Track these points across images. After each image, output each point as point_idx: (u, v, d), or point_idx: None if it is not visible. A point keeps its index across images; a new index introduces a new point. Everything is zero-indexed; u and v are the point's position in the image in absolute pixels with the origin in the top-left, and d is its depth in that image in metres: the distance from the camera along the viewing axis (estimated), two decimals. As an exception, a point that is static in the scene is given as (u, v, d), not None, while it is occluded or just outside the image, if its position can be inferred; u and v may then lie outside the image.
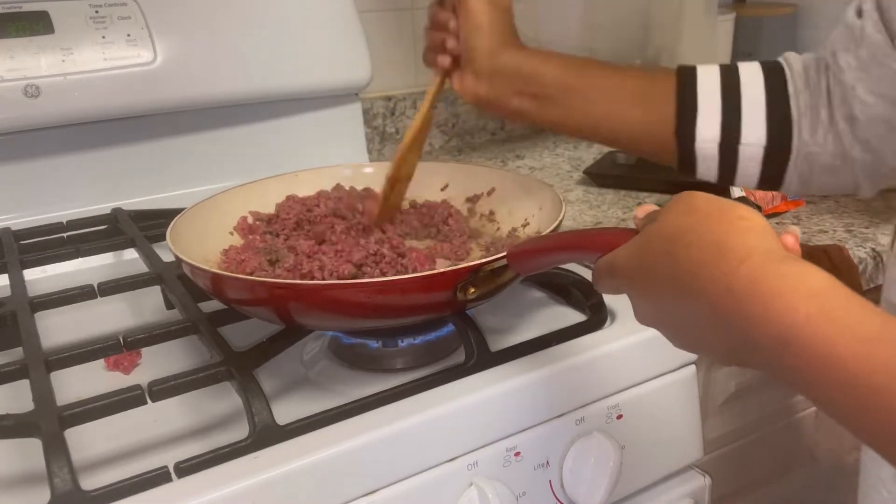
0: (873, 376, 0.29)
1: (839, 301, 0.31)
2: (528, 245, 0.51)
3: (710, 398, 0.74)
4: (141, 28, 0.83)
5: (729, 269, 0.34)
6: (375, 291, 0.51)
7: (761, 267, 0.33)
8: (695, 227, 0.36)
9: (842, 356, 0.30)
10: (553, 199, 0.64)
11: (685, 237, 0.36)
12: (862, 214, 0.88)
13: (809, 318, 0.31)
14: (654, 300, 0.39)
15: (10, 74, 0.77)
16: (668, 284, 0.37)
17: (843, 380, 0.30)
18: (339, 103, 0.98)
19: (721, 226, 0.36)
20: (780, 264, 0.33)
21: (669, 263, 0.37)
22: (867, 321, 0.31)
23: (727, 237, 0.35)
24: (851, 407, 0.30)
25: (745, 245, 0.34)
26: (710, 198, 0.38)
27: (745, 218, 0.36)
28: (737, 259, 0.34)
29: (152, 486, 0.44)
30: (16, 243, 0.75)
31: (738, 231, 0.35)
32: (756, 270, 0.33)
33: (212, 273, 0.54)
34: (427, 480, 0.51)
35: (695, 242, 0.36)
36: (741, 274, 0.33)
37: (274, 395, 0.55)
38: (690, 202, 0.38)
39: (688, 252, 0.36)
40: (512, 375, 0.54)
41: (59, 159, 0.83)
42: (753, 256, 0.34)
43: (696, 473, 0.67)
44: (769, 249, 0.34)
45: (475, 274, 0.52)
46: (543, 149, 1.21)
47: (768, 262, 0.33)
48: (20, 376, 0.52)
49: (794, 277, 0.32)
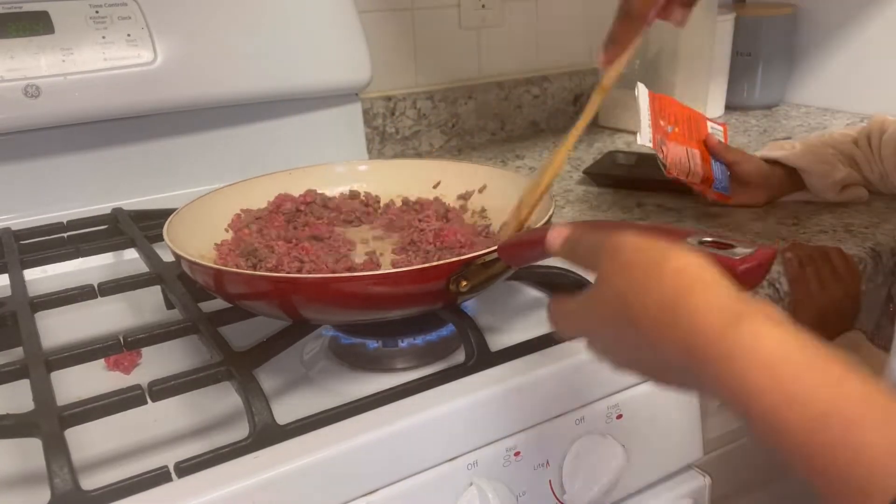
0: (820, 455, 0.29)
1: (790, 370, 0.31)
2: (517, 238, 0.53)
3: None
4: (141, 28, 0.83)
5: (685, 335, 0.34)
6: (371, 283, 0.52)
7: (715, 336, 0.33)
8: (640, 289, 0.36)
9: (792, 431, 0.30)
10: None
11: (637, 299, 0.36)
12: (862, 214, 0.88)
13: (762, 391, 0.31)
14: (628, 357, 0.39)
15: (10, 74, 0.77)
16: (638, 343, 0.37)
17: (795, 452, 0.30)
18: (339, 103, 0.98)
19: (662, 284, 0.35)
20: (734, 329, 0.32)
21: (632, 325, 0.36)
22: (817, 396, 0.30)
23: (676, 301, 0.34)
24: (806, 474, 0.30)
25: (695, 308, 0.34)
26: (638, 249, 0.37)
27: (681, 271, 0.35)
28: (689, 325, 0.33)
29: (152, 486, 0.44)
30: (16, 243, 0.76)
31: (682, 289, 0.34)
32: (709, 340, 0.33)
33: (213, 269, 0.54)
34: (427, 480, 0.51)
35: (648, 304, 0.35)
36: (697, 342, 0.33)
37: (274, 395, 0.55)
38: (623, 258, 0.37)
39: (645, 314, 0.35)
40: (512, 375, 0.54)
41: (59, 159, 0.83)
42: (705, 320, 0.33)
43: (696, 473, 0.67)
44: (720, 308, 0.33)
45: (467, 267, 0.53)
46: (543, 149, 1.21)
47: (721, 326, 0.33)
48: (20, 376, 0.52)
49: (748, 346, 0.32)
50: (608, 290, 0.38)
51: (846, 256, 0.76)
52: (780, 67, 1.42)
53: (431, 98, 1.20)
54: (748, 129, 1.30)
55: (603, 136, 1.28)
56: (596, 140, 1.26)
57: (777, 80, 1.43)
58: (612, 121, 1.32)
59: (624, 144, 1.22)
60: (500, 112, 1.28)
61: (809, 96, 1.44)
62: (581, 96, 1.37)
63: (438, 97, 1.20)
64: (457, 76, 1.23)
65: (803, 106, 1.44)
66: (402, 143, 1.19)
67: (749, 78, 1.41)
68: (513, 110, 1.30)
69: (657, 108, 0.90)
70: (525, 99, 1.30)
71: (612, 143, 1.23)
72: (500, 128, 1.29)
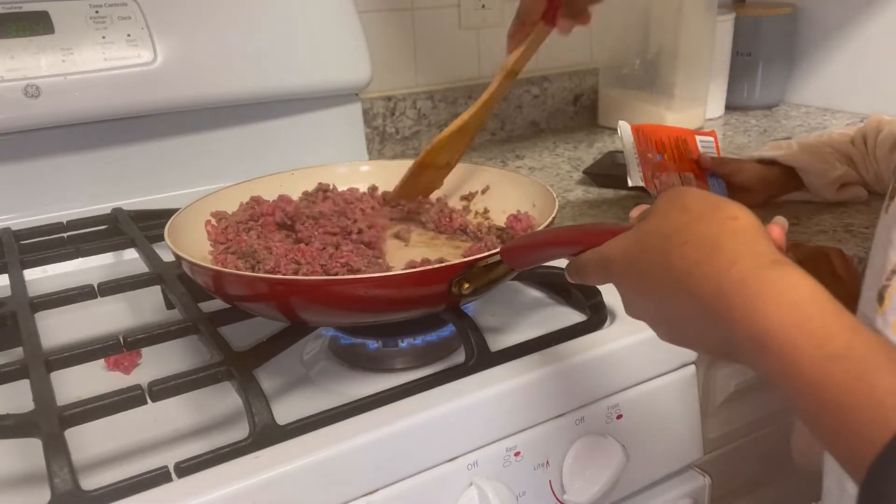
0: (832, 390, 0.30)
1: (815, 312, 0.32)
2: (521, 241, 0.53)
3: (710, 398, 0.74)
4: (141, 28, 0.83)
5: (720, 268, 0.35)
6: (373, 286, 0.52)
7: (750, 271, 0.34)
8: (688, 226, 0.37)
9: (805, 367, 0.31)
10: (546, 195, 0.66)
11: (680, 235, 0.37)
12: (862, 214, 0.88)
13: (784, 327, 0.32)
14: (647, 294, 0.40)
15: (10, 74, 0.77)
16: (661, 280, 0.38)
17: (806, 389, 0.31)
18: (339, 103, 0.98)
19: (713, 226, 0.37)
20: (769, 270, 0.34)
21: (664, 260, 0.38)
22: (836, 335, 0.31)
23: (720, 237, 0.36)
24: (812, 415, 0.32)
25: (736, 247, 0.35)
26: (701, 195, 0.39)
27: (735, 217, 0.37)
28: (728, 260, 0.35)
29: (152, 486, 0.44)
30: (16, 243, 0.76)
31: (729, 231, 0.36)
32: (744, 273, 0.34)
33: (213, 270, 0.54)
34: (427, 480, 0.51)
35: (689, 241, 0.37)
36: (731, 275, 0.34)
37: (274, 395, 0.55)
38: (683, 200, 0.39)
39: (682, 250, 0.37)
40: (512, 375, 0.54)
41: (59, 159, 0.83)
42: (745, 259, 0.35)
43: (696, 473, 0.67)
44: (760, 252, 0.35)
45: (469, 269, 0.53)
46: (543, 149, 1.21)
47: (757, 266, 0.34)
48: (20, 376, 0.52)
49: (779, 284, 0.33)
50: (657, 225, 0.39)
51: (846, 257, 0.76)
52: (780, 67, 1.42)
53: (431, 98, 1.20)
54: (748, 129, 1.30)
55: (603, 136, 1.28)
56: (596, 140, 1.26)
57: (777, 80, 1.42)
58: (612, 121, 1.32)
59: (624, 144, 1.22)
60: (500, 112, 1.28)
61: (809, 96, 1.44)
62: (581, 96, 1.37)
63: (438, 97, 1.20)
64: (457, 76, 1.23)
65: (803, 106, 1.44)
66: (402, 143, 1.19)
67: (749, 78, 1.41)
68: (513, 110, 1.30)
69: (643, 141, 0.91)
70: (525, 99, 1.30)
71: (612, 143, 1.23)
72: (500, 128, 1.29)
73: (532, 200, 0.68)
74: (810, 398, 0.31)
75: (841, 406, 0.30)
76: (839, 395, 0.30)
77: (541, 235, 0.54)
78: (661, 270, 0.38)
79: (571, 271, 0.46)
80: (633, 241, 0.41)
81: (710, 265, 0.35)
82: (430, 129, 1.21)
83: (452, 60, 1.22)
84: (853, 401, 0.30)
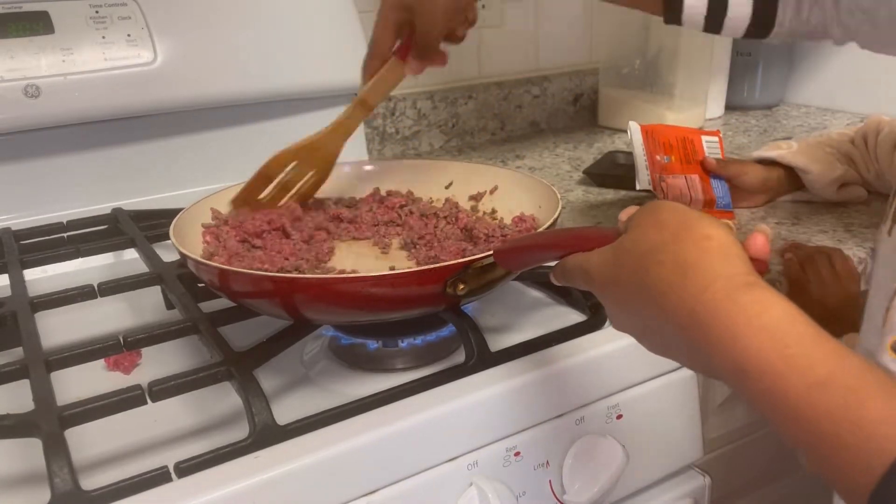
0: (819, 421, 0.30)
1: (794, 338, 0.32)
2: (513, 243, 0.53)
3: (710, 398, 0.74)
4: (141, 28, 0.83)
5: (693, 293, 0.35)
6: (370, 284, 0.52)
7: (722, 295, 0.34)
8: (663, 246, 0.37)
9: (790, 396, 0.31)
10: (550, 197, 0.66)
11: (654, 255, 0.37)
12: (862, 214, 0.88)
13: (762, 353, 0.32)
14: (627, 310, 0.40)
15: (10, 74, 0.77)
16: (638, 298, 0.38)
17: (791, 417, 0.31)
18: (339, 103, 0.98)
19: (686, 245, 0.36)
20: (742, 293, 0.34)
21: (640, 279, 0.38)
22: (818, 362, 0.31)
23: (692, 259, 0.36)
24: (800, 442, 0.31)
25: (709, 269, 0.35)
26: (676, 211, 0.39)
27: (709, 237, 0.37)
28: (701, 285, 0.35)
29: (152, 486, 0.44)
30: (16, 243, 0.76)
31: (703, 252, 0.36)
32: (716, 299, 0.34)
33: (219, 269, 0.54)
34: (427, 480, 0.51)
35: (663, 261, 0.37)
36: (704, 300, 0.34)
37: (274, 395, 0.55)
38: (659, 216, 0.39)
39: (658, 270, 0.37)
40: (512, 375, 0.54)
41: (59, 159, 0.83)
42: (716, 283, 0.34)
43: (696, 473, 0.67)
44: (732, 275, 0.35)
45: (465, 270, 0.53)
46: (543, 149, 1.21)
47: (728, 290, 0.34)
48: (20, 376, 0.52)
49: (750, 310, 0.33)
50: (634, 243, 0.39)
51: (846, 257, 0.76)
52: (780, 67, 1.42)
53: (431, 98, 1.20)
54: (748, 129, 1.30)
55: (603, 136, 1.28)
56: (596, 140, 1.26)
57: (777, 80, 1.43)
58: (612, 121, 1.32)
59: (624, 144, 1.22)
60: (500, 112, 1.28)
61: (809, 96, 1.44)
62: (581, 96, 1.37)
63: (438, 97, 1.20)
64: (457, 76, 1.23)
65: (803, 106, 1.44)
66: (402, 143, 1.19)
67: (749, 78, 1.41)
68: (513, 110, 1.30)
69: (650, 143, 0.91)
70: (525, 99, 1.30)
71: (612, 143, 1.23)
72: (500, 128, 1.29)
73: (538, 202, 0.69)
74: (797, 426, 0.31)
75: (830, 435, 0.30)
76: (827, 425, 0.30)
77: (532, 238, 0.55)
78: (637, 289, 0.38)
79: (557, 273, 0.46)
80: (611, 257, 0.40)
81: (684, 289, 0.35)
82: (430, 129, 1.21)
83: (452, 60, 1.21)
84: (842, 430, 0.29)
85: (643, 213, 0.40)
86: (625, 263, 0.39)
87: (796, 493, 0.89)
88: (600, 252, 0.41)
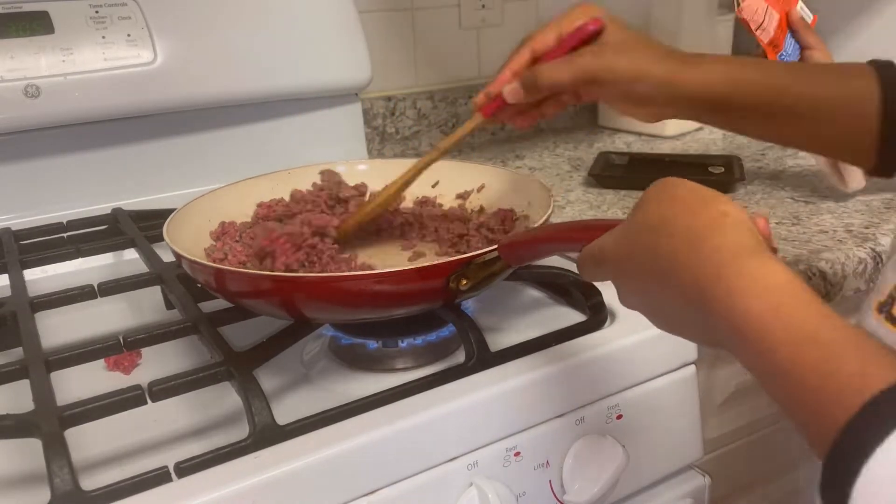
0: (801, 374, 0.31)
1: (788, 298, 0.33)
2: (518, 237, 0.54)
3: (710, 398, 0.74)
4: (141, 28, 0.83)
5: (698, 260, 0.35)
6: (372, 281, 0.52)
7: (727, 261, 0.35)
8: (676, 218, 0.38)
9: (778, 352, 0.32)
10: (541, 193, 0.66)
11: (667, 227, 0.38)
12: (862, 214, 0.88)
13: (761, 315, 0.33)
14: (638, 286, 0.41)
15: (10, 74, 0.77)
16: (649, 272, 0.38)
17: (779, 374, 0.32)
18: (339, 103, 0.98)
19: (701, 219, 0.37)
20: (746, 260, 0.34)
21: (652, 252, 0.38)
22: (807, 321, 0.32)
23: (704, 230, 0.36)
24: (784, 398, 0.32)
25: (718, 238, 0.36)
26: (691, 187, 0.39)
27: (725, 213, 0.37)
28: (707, 252, 0.35)
29: (152, 486, 0.44)
30: (16, 243, 0.76)
31: (715, 225, 0.36)
32: (721, 264, 0.35)
33: (214, 268, 0.54)
34: (427, 480, 0.51)
35: (675, 233, 0.37)
36: (708, 266, 0.35)
37: (274, 395, 0.55)
38: (673, 191, 0.39)
39: (668, 241, 0.37)
40: (512, 375, 0.54)
41: (59, 159, 0.83)
42: (723, 250, 0.35)
43: (696, 473, 0.67)
44: (742, 243, 0.35)
45: (467, 266, 0.53)
46: (543, 149, 1.21)
47: (735, 256, 0.35)
48: (20, 376, 0.52)
49: (754, 274, 0.34)
50: (647, 215, 0.39)
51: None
52: (780, 67, 1.42)
53: (431, 98, 1.20)
54: (748, 129, 1.30)
55: (603, 137, 1.28)
56: (596, 140, 1.26)
57: (777, 80, 1.42)
58: (612, 121, 1.32)
59: (624, 145, 1.22)
60: (500, 112, 1.28)
61: (809, 96, 1.44)
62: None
63: (438, 97, 1.20)
64: (457, 76, 1.23)
65: (803, 106, 1.44)
66: (402, 143, 1.19)
67: (749, 78, 1.40)
68: (513, 110, 1.30)
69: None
70: (525, 99, 1.30)
71: (612, 144, 1.23)
72: (500, 128, 1.29)
73: (528, 198, 0.68)
74: (783, 382, 0.32)
75: (810, 389, 0.31)
76: (809, 378, 0.31)
77: (538, 232, 0.55)
78: (649, 264, 0.38)
79: (579, 269, 0.46)
80: (623, 234, 0.41)
81: (689, 257, 0.36)
82: (430, 129, 1.21)
83: (452, 60, 1.22)
84: (821, 383, 0.30)
85: (653, 189, 0.40)
86: (636, 239, 0.40)
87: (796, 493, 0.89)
88: (611, 233, 0.42)
